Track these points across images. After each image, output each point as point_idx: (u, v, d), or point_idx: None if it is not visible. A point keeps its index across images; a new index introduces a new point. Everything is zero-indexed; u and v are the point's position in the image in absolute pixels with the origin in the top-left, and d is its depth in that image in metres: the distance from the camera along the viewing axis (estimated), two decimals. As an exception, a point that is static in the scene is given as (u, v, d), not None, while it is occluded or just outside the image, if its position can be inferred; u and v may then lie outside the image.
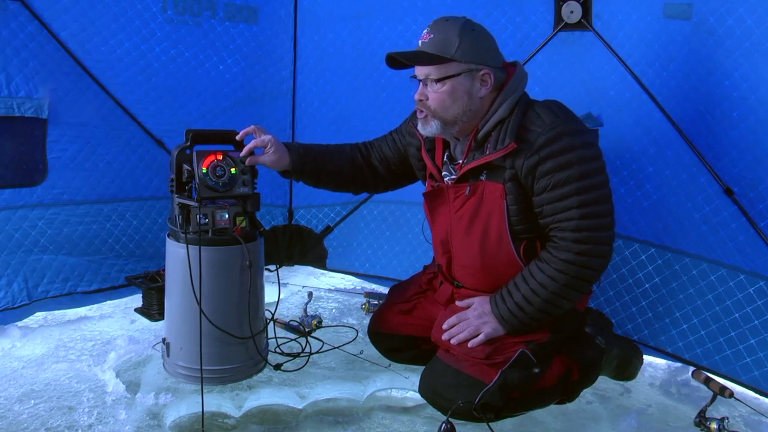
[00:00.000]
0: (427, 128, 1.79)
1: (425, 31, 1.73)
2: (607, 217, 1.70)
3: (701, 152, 2.00)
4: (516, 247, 1.75)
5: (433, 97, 1.74)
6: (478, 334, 1.75)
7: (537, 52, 2.30)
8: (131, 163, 2.59)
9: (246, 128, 1.98)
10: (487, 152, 1.73)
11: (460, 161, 1.82)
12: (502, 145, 1.69)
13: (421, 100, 1.76)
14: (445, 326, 1.82)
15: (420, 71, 1.75)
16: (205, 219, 1.89)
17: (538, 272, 1.70)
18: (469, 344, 1.75)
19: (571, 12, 2.20)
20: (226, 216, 1.92)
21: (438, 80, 1.71)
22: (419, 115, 1.79)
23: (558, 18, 2.25)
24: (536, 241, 1.76)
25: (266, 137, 1.95)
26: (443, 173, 1.88)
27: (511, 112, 1.72)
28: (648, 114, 2.10)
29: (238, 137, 1.98)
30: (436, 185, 1.90)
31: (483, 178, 1.76)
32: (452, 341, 1.78)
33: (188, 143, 1.96)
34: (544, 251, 1.72)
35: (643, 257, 2.18)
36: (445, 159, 1.89)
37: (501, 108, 1.73)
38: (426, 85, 1.75)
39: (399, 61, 1.75)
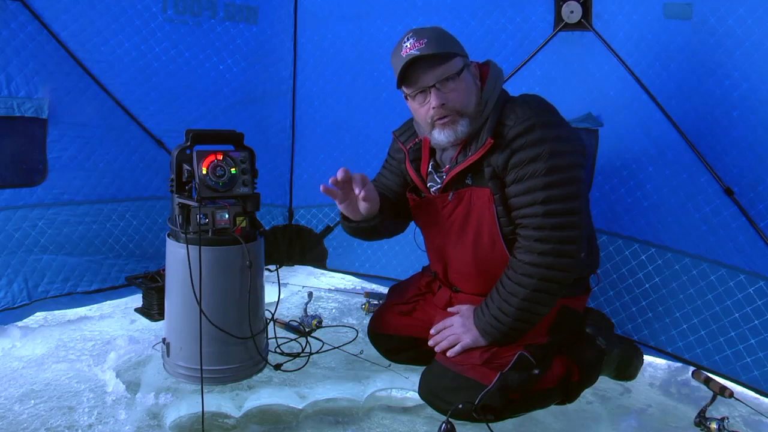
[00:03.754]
0: (458, 129, 1.71)
1: (410, 41, 1.65)
2: (573, 216, 1.66)
3: (701, 152, 2.00)
4: (509, 249, 1.74)
5: (454, 95, 1.68)
6: (458, 343, 1.75)
7: (537, 52, 2.30)
8: (131, 163, 2.59)
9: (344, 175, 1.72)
10: (470, 154, 1.72)
11: (447, 166, 1.81)
12: (481, 144, 1.69)
13: (443, 105, 1.67)
14: (432, 332, 1.83)
15: (431, 77, 1.66)
16: (205, 219, 1.89)
17: (506, 281, 1.69)
18: (448, 353, 1.75)
19: (571, 12, 2.19)
20: (226, 216, 1.92)
21: (454, 77, 1.67)
22: (442, 122, 1.70)
23: (558, 18, 2.25)
24: None
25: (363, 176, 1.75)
26: (429, 184, 1.87)
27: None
28: (648, 114, 2.10)
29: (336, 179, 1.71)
30: (419, 198, 1.88)
31: (468, 182, 1.75)
32: (436, 348, 1.79)
33: (188, 143, 1.96)
34: (512, 257, 1.71)
35: (643, 257, 2.18)
36: (430, 169, 1.88)
37: (486, 107, 1.72)
38: (438, 89, 1.67)
39: (408, 77, 1.68)
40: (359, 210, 1.79)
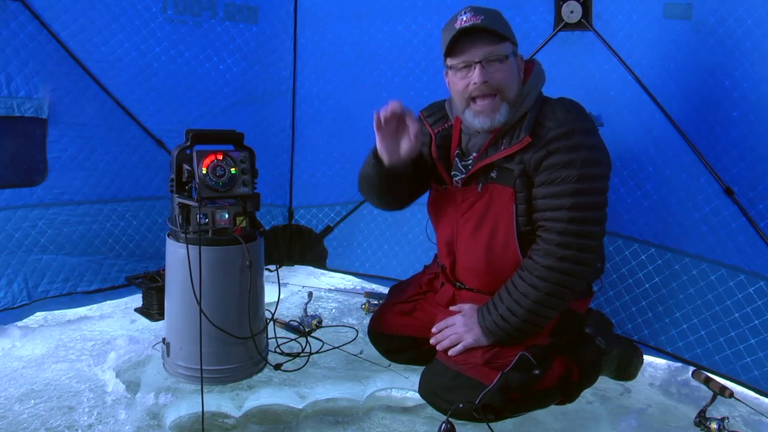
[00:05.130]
0: (496, 117, 1.70)
1: (467, 15, 1.66)
2: (597, 226, 1.68)
3: (701, 152, 2.00)
4: (522, 249, 1.73)
5: (498, 75, 1.67)
6: (460, 342, 1.75)
7: (537, 52, 2.30)
8: (131, 163, 2.59)
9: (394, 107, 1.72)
10: (502, 148, 1.72)
11: (474, 154, 1.80)
12: (517, 140, 1.68)
13: (485, 82, 1.67)
14: (434, 330, 1.83)
15: (480, 52, 1.67)
16: (205, 219, 1.89)
17: (519, 281, 1.69)
18: (449, 353, 1.75)
19: (571, 12, 2.19)
20: (226, 216, 1.92)
21: (503, 58, 1.68)
22: (482, 106, 1.70)
23: (558, 18, 2.25)
24: None
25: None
26: (453, 172, 1.87)
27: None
28: (648, 114, 2.10)
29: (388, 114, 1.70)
30: (442, 188, 1.89)
31: (493, 175, 1.74)
32: (438, 347, 1.79)
33: (188, 143, 1.96)
34: (527, 259, 1.70)
35: (643, 257, 2.18)
36: (455, 155, 1.88)
37: (525, 101, 1.72)
38: (483, 66, 1.67)
39: (457, 48, 1.68)
40: (398, 151, 1.75)
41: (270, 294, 2.12)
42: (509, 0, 2.35)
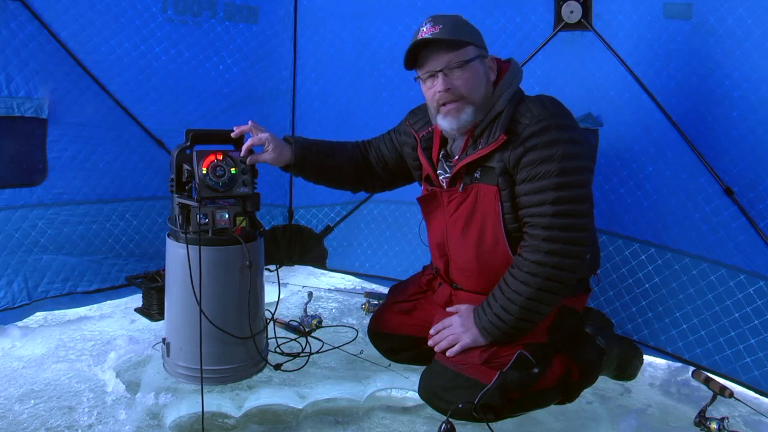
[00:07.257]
0: (462, 117, 1.74)
1: (427, 26, 1.71)
2: (583, 218, 1.68)
3: (701, 152, 2.00)
4: (512, 248, 1.74)
5: (460, 82, 1.71)
6: (458, 343, 1.75)
7: (537, 52, 2.30)
8: (131, 163, 2.59)
9: (241, 126, 1.97)
10: (480, 147, 1.73)
11: (456, 156, 1.82)
12: (493, 139, 1.70)
13: (448, 89, 1.71)
14: (432, 332, 1.83)
15: (439, 61, 1.71)
16: (205, 219, 1.89)
17: (511, 279, 1.69)
18: (448, 353, 1.75)
19: (571, 12, 2.20)
20: (226, 216, 1.92)
21: (462, 64, 1.70)
22: (446, 108, 1.74)
23: (558, 18, 2.25)
24: None
25: (263, 135, 1.95)
26: (438, 171, 1.88)
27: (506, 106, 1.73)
28: (648, 114, 2.11)
29: (233, 135, 1.97)
30: (430, 189, 1.89)
31: (477, 175, 1.75)
32: (435, 348, 1.79)
33: (188, 143, 1.96)
34: (517, 256, 1.71)
35: (643, 257, 2.18)
36: (440, 157, 1.89)
37: (499, 101, 1.73)
38: (446, 75, 1.71)
39: (414, 58, 1.74)
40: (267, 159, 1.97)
41: (270, 294, 2.12)
42: (509, 0, 2.35)
